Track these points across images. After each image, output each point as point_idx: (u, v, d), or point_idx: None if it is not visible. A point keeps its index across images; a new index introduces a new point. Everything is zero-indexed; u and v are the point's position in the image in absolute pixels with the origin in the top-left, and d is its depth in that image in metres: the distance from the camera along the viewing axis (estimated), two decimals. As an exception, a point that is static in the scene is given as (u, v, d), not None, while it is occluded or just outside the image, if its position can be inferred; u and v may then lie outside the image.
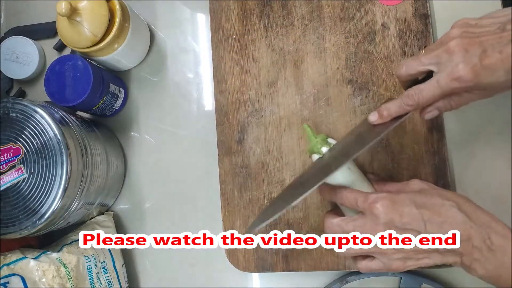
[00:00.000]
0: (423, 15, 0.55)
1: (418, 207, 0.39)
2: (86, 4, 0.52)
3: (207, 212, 0.60)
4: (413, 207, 0.39)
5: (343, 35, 0.56)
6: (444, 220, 0.38)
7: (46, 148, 0.48)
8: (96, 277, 0.54)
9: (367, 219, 0.40)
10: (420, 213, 0.39)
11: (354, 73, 0.55)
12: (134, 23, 0.58)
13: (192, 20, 0.65)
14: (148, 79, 0.65)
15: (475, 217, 0.38)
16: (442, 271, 0.55)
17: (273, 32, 0.58)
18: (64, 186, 0.47)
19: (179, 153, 0.63)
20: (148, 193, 0.63)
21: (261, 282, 0.59)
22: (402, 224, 0.39)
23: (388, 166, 0.54)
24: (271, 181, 0.56)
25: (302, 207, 0.55)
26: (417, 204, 0.39)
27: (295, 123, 0.56)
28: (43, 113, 0.48)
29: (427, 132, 0.53)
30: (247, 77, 0.58)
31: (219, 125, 0.58)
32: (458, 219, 0.38)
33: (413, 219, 0.39)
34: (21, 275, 0.48)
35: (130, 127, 0.64)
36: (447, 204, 0.39)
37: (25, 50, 0.65)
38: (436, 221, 0.38)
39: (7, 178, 0.48)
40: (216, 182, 0.57)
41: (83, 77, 0.54)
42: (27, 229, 0.47)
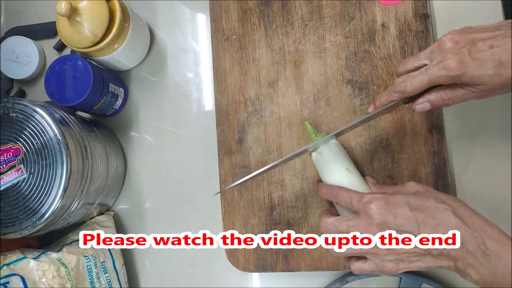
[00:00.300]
0: (423, 15, 0.55)
1: (412, 209, 0.39)
2: (86, 4, 0.52)
3: (207, 212, 0.60)
4: (407, 209, 0.39)
5: (343, 35, 0.56)
6: (438, 223, 0.38)
7: (46, 148, 0.48)
8: (96, 277, 0.54)
9: (361, 219, 0.40)
10: (414, 215, 0.39)
11: (354, 73, 0.55)
12: (134, 23, 0.58)
13: (192, 20, 0.65)
14: (148, 79, 0.65)
15: (469, 222, 0.38)
16: (442, 271, 0.55)
17: (273, 32, 0.58)
18: (64, 186, 0.47)
19: (179, 153, 0.63)
20: (148, 193, 0.63)
21: (261, 282, 0.59)
22: (396, 225, 0.39)
23: (388, 166, 0.54)
24: (271, 181, 0.56)
25: (302, 207, 0.55)
26: (412, 206, 0.39)
27: (295, 123, 0.56)
28: (43, 113, 0.48)
29: (427, 132, 0.53)
30: (247, 77, 0.58)
31: (219, 125, 0.58)
32: (452, 223, 0.38)
33: (407, 221, 0.39)
34: (21, 275, 0.48)
35: (130, 127, 0.64)
36: (442, 207, 0.39)
37: (25, 50, 0.65)
38: (430, 223, 0.38)
39: (7, 178, 0.48)
40: (216, 182, 0.57)
41: (83, 77, 0.54)
42: (27, 229, 0.47)
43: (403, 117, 0.54)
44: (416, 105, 0.44)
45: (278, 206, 0.55)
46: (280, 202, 0.55)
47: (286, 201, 0.55)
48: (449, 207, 0.39)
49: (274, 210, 0.55)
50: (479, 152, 0.55)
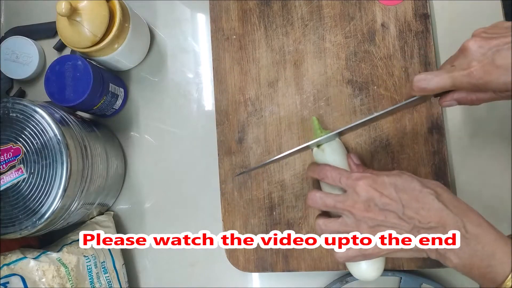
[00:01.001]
0: (423, 15, 0.55)
1: (397, 191, 0.40)
2: (86, 4, 0.52)
3: (207, 212, 0.60)
4: (393, 190, 0.40)
5: (343, 35, 0.56)
6: (422, 206, 0.39)
7: (46, 148, 0.48)
8: (96, 277, 0.54)
9: (348, 195, 0.42)
10: (399, 197, 0.40)
11: (354, 73, 0.55)
12: (134, 23, 0.58)
13: (192, 20, 0.65)
14: (148, 79, 0.65)
15: (451, 206, 0.39)
16: (442, 271, 0.55)
17: (273, 32, 0.58)
18: (64, 186, 0.47)
19: (179, 153, 0.63)
20: (148, 193, 0.63)
21: (261, 282, 0.59)
22: (382, 204, 0.40)
23: (388, 166, 0.54)
24: (271, 181, 0.56)
25: (302, 207, 0.55)
26: (397, 188, 0.40)
27: (295, 123, 0.56)
28: (43, 113, 0.48)
29: (427, 132, 0.53)
30: (247, 77, 0.58)
31: (219, 125, 0.58)
32: (435, 206, 0.39)
33: (392, 201, 0.40)
34: (21, 275, 0.48)
35: (130, 127, 0.64)
36: (426, 191, 0.40)
37: (25, 50, 0.65)
38: (413, 206, 0.39)
39: (7, 178, 0.48)
40: (216, 182, 0.57)
41: (83, 77, 0.54)
42: (27, 229, 0.47)
43: (403, 117, 0.54)
44: (443, 101, 0.43)
45: (278, 206, 0.55)
46: (280, 202, 0.55)
47: (286, 201, 0.55)
48: (432, 191, 0.40)
49: (274, 210, 0.55)
50: (479, 152, 0.55)
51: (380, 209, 0.40)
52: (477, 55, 0.38)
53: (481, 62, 0.38)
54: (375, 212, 0.40)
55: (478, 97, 0.42)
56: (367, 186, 0.40)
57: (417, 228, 0.39)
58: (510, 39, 0.37)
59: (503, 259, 0.36)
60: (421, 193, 0.40)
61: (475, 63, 0.38)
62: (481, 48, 0.38)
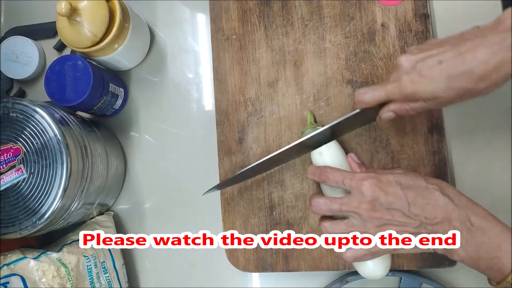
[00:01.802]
0: (423, 15, 0.55)
1: (403, 188, 0.40)
2: (86, 4, 0.52)
3: (207, 212, 0.60)
4: (398, 188, 0.40)
5: (343, 35, 0.56)
6: (427, 202, 0.40)
7: (46, 148, 0.48)
8: (96, 277, 0.54)
9: (353, 197, 0.42)
10: (405, 194, 0.40)
11: (354, 73, 0.55)
12: (134, 23, 0.58)
13: (192, 20, 0.65)
14: (148, 79, 0.65)
15: (456, 200, 0.40)
16: (442, 271, 0.55)
17: (273, 32, 0.58)
18: (64, 186, 0.47)
19: (179, 153, 0.63)
20: (148, 193, 0.63)
21: (261, 282, 0.59)
22: (387, 203, 0.40)
23: (388, 166, 0.54)
24: (271, 181, 0.56)
25: (302, 207, 0.55)
26: (402, 185, 0.41)
27: (295, 123, 0.56)
28: (43, 113, 0.48)
29: (427, 132, 0.53)
30: (247, 77, 0.58)
31: (219, 125, 0.58)
32: (440, 202, 0.39)
33: (397, 199, 0.40)
34: (21, 275, 0.48)
35: (130, 127, 0.64)
36: (431, 187, 0.40)
37: (25, 50, 0.65)
38: (419, 202, 0.40)
39: (7, 178, 0.48)
40: (216, 182, 0.57)
41: (83, 77, 0.54)
42: (27, 229, 0.47)
43: (403, 117, 0.54)
44: (382, 113, 0.45)
45: (278, 206, 0.55)
46: (280, 202, 0.55)
47: (286, 201, 0.55)
48: (437, 187, 0.40)
49: (274, 210, 0.55)
50: (479, 151, 0.55)
51: (386, 208, 0.40)
52: (407, 68, 0.41)
53: (409, 74, 0.40)
54: (382, 212, 0.40)
55: (411, 107, 0.43)
56: (373, 186, 0.41)
57: (424, 224, 0.40)
58: (435, 51, 0.39)
59: (509, 250, 0.37)
60: (427, 189, 0.40)
61: (404, 75, 0.41)
62: (410, 62, 0.41)
